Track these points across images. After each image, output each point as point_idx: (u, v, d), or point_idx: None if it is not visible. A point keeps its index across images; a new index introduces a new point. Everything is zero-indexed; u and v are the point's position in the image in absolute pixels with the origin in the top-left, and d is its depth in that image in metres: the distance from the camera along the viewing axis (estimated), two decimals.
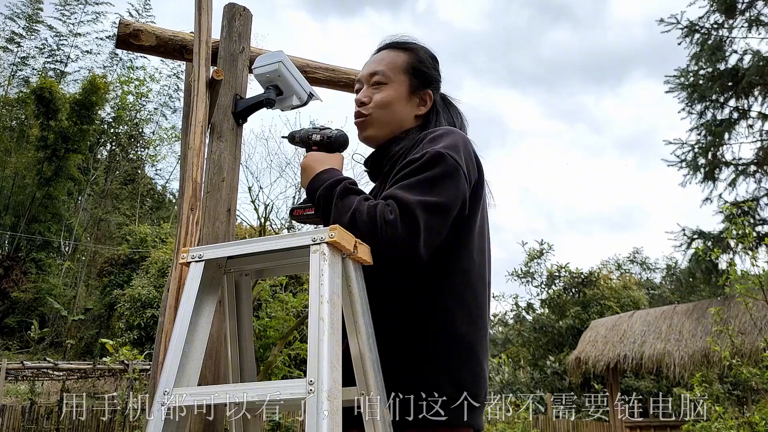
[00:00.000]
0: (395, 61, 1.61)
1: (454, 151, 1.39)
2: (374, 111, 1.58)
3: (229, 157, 1.66)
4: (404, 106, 1.59)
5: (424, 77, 1.61)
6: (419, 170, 1.37)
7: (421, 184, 1.34)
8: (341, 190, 1.38)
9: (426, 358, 1.36)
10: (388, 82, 1.59)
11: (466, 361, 1.39)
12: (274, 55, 1.69)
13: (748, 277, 5.85)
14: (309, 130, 1.65)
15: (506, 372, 16.60)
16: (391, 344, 1.36)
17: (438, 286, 1.40)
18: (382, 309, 1.37)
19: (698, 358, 10.49)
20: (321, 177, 1.45)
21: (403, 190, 1.34)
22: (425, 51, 1.65)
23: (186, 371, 1.24)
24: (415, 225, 1.29)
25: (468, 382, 1.37)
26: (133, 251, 19.62)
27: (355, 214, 1.32)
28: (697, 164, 11.83)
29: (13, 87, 25.21)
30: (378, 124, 1.59)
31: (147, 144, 28.30)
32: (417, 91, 1.60)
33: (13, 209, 21.50)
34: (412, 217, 1.29)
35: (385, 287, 1.39)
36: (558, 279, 17.30)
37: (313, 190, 1.44)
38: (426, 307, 1.39)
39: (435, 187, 1.34)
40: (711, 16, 11.67)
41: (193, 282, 1.29)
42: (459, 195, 1.37)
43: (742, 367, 5.56)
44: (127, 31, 1.79)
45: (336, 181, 1.41)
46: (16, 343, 18.26)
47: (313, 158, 1.53)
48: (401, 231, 1.28)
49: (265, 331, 8.33)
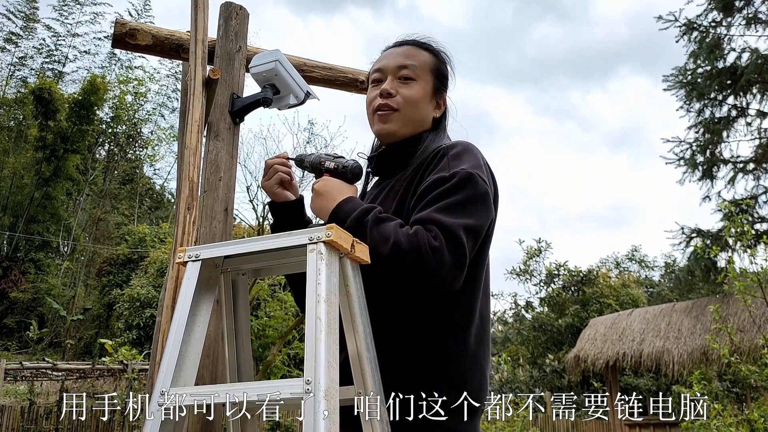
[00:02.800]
0: (424, 60, 1.57)
1: (480, 171, 1.39)
2: (403, 106, 1.53)
3: (226, 156, 1.65)
4: (426, 107, 1.56)
5: (444, 81, 1.60)
6: (453, 192, 1.34)
7: (457, 206, 1.32)
8: (373, 219, 1.32)
9: (432, 365, 1.36)
10: (417, 79, 1.54)
11: (471, 370, 1.39)
12: (270, 54, 1.69)
13: (746, 274, 5.86)
14: (321, 156, 1.59)
15: (505, 370, 16.63)
16: (401, 348, 1.36)
17: (453, 298, 1.38)
18: (394, 313, 1.37)
19: (697, 355, 10.50)
20: (344, 207, 1.38)
21: (441, 213, 1.30)
22: (446, 54, 1.62)
23: (183, 371, 1.24)
24: (462, 249, 1.27)
25: (470, 390, 1.37)
26: (132, 251, 19.61)
27: (397, 245, 1.27)
28: (695, 162, 11.84)
29: (11, 87, 25.19)
30: (403, 121, 1.53)
31: (145, 144, 28.28)
32: (437, 93, 1.58)
33: (11, 209, 21.48)
34: (460, 242, 1.27)
35: (398, 292, 1.37)
36: (557, 277, 17.31)
37: (339, 221, 1.34)
38: (439, 316, 1.38)
39: (471, 209, 1.33)
40: (709, 14, 11.68)
41: (190, 281, 1.29)
42: (489, 216, 1.38)
43: (741, 365, 5.57)
44: (124, 30, 1.78)
45: (365, 211, 1.34)
46: (15, 343, 18.24)
47: (331, 184, 1.46)
48: (448, 257, 1.26)
49: (264, 330, 8.33)
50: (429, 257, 1.24)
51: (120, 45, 1.82)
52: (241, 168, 9.82)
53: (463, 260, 1.27)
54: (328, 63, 2.03)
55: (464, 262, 1.27)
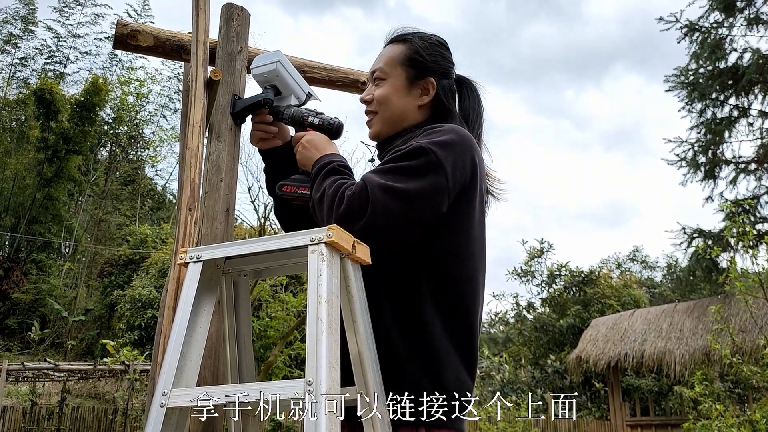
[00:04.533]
0: (392, 55, 1.60)
1: (442, 148, 1.37)
2: (378, 107, 1.58)
3: (227, 158, 1.66)
4: (403, 99, 1.56)
5: (422, 65, 1.58)
6: (398, 159, 1.38)
7: (393, 170, 1.36)
8: (328, 169, 1.44)
9: (409, 360, 1.35)
10: (386, 78, 1.58)
11: (447, 364, 1.36)
12: (272, 55, 1.69)
13: (748, 275, 5.85)
14: (303, 111, 1.65)
15: (507, 371, 16.61)
16: (380, 344, 1.34)
17: (418, 290, 1.38)
18: (376, 309, 1.36)
19: (699, 356, 10.49)
20: (323, 161, 1.49)
21: (373, 173, 1.37)
22: (423, 38, 1.61)
23: (184, 372, 1.24)
24: (366, 201, 1.30)
25: (447, 385, 1.35)
26: (134, 252, 19.62)
27: (325, 190, 1.38)
28: (697, 163, 11.83)
29: (12, 88, 25.21)
30: (380, 121, 1.58)
31: (147, 145, 28.28)
32: (417, 81, 1.57)
33: (13, 210, 21.49)
34: (367, 194, 1.31)
35: (378, 288, 1.38)
36: (558, 278, 17.29)
37: (316, 170, 1.49)
38: (407, 310, 1.38)
39: (406, 175, 1.34)
40: (710, 14, 11.67)
41: (192, 282, 1.29)
42: (432, 189, 1.35)
43: (743, 366, 5.56)
44: (125, 31, 1.79)
45: (327, 162, 1.46)
46: (17, 344, 18.25)
47: (318, 138, 1.57)
48: (354, 206, 1.31)
49: (266, 331, 8.33)
50: (339, 201, 1.33)
51: (121, 46, 1.82)
52: (242, 169, 9.82)
53: (363, 209, 1.30)
54: (329, 64, 2.04)
55: (364, 211, 1.30)
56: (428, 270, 1.39)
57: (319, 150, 1.52)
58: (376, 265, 1.32)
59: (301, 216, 1.63)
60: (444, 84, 1.59)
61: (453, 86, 1.62)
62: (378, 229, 1.31)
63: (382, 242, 1.32)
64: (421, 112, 1.58)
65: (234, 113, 1.71)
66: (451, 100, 1.60)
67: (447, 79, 1.60)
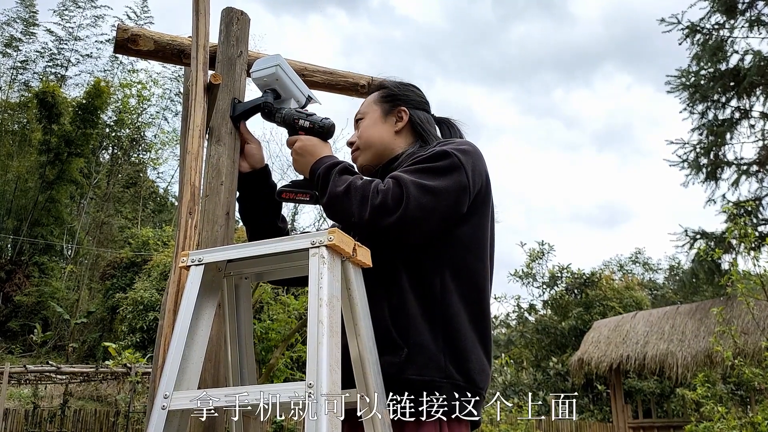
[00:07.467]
0: (369, 99, 1.75)
1: (462, 153, 1.49)
2: (360, 143, 1.70)
3: (227, 161, 1.66)
4: (380, 128, 1.68)
5: (393, 98, 1.70)
6: (422, 161, 1.48)
7: (422, 170, 1.45)
8: (340, 168, 1.51)
9: (426, 353, 1.40)
10: (364, 117, 1.72)
11: (473, 355, 1.44)
12: (271, 59, 1.70)
13: (749, 277, 5.84)
14: (294, 113, 1.66)
15: (509, 373, 16.59)
16: (398, 337, 1.41)
17: (443, 282, 1.46)
18: (400, 299, 1.44)
19: (701, 358, 10.47)
20: (320, 163, 1.55)
21: (404, 172, 1.45)
22: (394, 82, 1.76)
23: (186, 374, 1.25)
24: (401, 196, 1.38)
25: (473, 376, 1.42)
26: (136, 254, 19.63)
27: (350, 185, 1.44)
28: (698, 164, 11.82)
29: (14, 91, 25.24)
30: (363, 152, 1.69)
31: (149, 147, 28.31)
32: (390, 111, 1.69)
33: (15, 213, 21.51)
34: (401, 190, 1.39)
35: (404, 280, 1.46)
36: (560, 280, 17.28)
37: (315, 174, 1.55)
38: (433, 301, 1.44)
39: (432, 175, 1.44)
40: (712, 16, 11.67)
41: (193, 285, 1.30)
42: (457, 188, 1.44)
43: (745, 368, 5.55)
44: (125, 36, 1.79)
45: (336, 163, 1.53)
46: (19, 346, 18.27)
47: (311, 143, 1.61)
48: (389, 200, 1.38)
49: (267, 333, 8.33)
50: (374, 195, 1.40)
51: (122, 50, 1.82)
52: None
53: (399, 202, 1.38)
54: (329, 68, 2.04)
55: (399, 204, 1.38)
56: (451, 264, 1.47)
57: (314, 154, 1.59)
58: (403, 257, 1.45)
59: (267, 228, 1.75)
60: (419, 114, 1.70)
61: (430, 119, 1.73)
62: (410, 222, 1.39)
63: (412, 234, 1.43)
64: (400, 138, 1.68)
65: (234, 117, 1.71)
66: (429, 127, 1.70)
67: (422, 111, 1.71)
